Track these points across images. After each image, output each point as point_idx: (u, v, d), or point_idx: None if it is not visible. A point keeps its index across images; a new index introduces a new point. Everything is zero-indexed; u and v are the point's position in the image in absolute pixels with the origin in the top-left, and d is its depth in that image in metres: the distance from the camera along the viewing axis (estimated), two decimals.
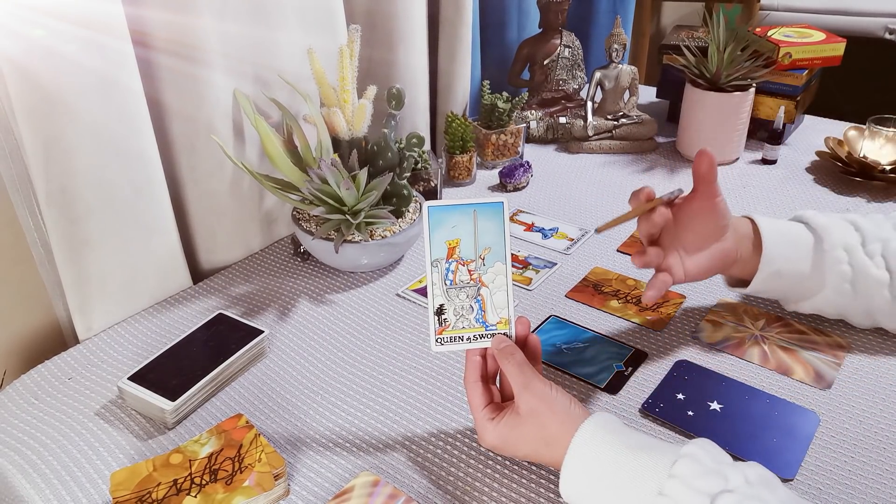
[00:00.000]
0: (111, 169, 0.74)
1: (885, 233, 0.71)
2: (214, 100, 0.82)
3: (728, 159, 1.17)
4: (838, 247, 0.70)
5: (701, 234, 0.68)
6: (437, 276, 0.59)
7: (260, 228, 0.95)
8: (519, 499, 0.59)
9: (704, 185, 0.66)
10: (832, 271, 0.70)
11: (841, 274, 0.70)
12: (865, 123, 1.09)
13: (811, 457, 0.62)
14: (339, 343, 0.78)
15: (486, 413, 0.58)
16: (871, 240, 0.70)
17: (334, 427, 0.67)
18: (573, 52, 1.26)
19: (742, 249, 0.71)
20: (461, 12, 1.11)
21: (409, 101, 1.03)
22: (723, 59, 1.08)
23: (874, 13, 1.90)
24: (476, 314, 0.59)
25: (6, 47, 0.63)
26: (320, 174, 0.79)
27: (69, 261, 0.74)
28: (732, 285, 0.76)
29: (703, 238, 0.68)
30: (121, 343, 0.78)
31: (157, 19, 0.75)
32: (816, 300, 0.73)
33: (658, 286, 0.67)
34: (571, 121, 1.24)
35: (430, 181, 1.03)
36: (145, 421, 0.68)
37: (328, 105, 0.86)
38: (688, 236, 0.68)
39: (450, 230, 0.59)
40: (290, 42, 0.88)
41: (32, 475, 0.62)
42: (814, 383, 0.70)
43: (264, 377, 0.73)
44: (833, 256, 0.70)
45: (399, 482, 0.61)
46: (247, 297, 0.86)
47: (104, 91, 0.71)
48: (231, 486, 0.57)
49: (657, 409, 0.67)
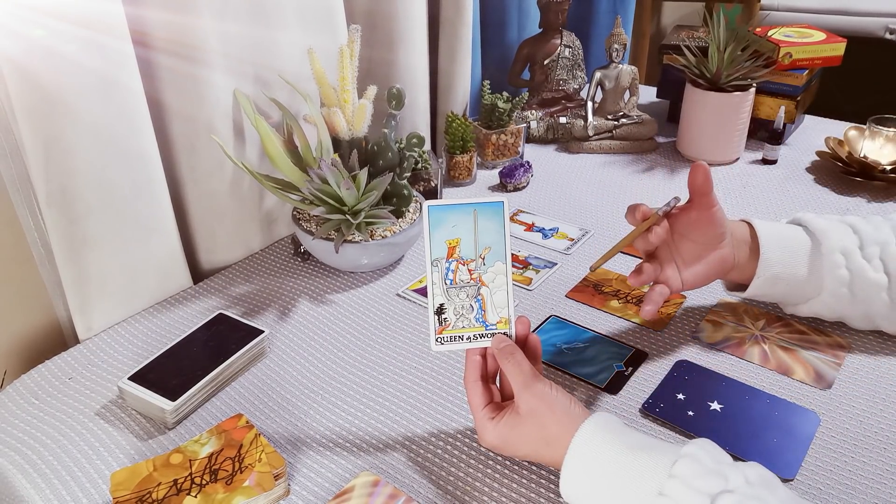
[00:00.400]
0: (111, 169, 0.74)
1: (884, 236, 0.70)
2: (214, 100, 0.82)
3: (728, 159, 1.17)
4: (836, 251, 0.70)
5: (698, 243, 0.68)
6: (438, 275, 0.59)
7: (260, 228, 0.95)
8: (519, 499, 0.59)
9: (701, 197, 0.67)
10: (830, 275, 0.70)
11: (839, 278, 0.70)
12: (866, 123, 1.09)
13: (811, 457, 0.62)
14: (339, 343, 0.78)
15: (486, 413, 0.58)
16: (869, 243, 0.70)
17: (334, 427, 0.67)
18: (573, 52, 1.26)
19: (739, 255, 0.71)
20: (461, 12, 1.10)
21: (409, 101, 1.03)
22: (723, 59, 1.08)
23: (874, 13, 1.90)
24: (476, 314, 0.59)
25: (6, 47, 0.63)
26: (320, 174, 0.79)
27: (69, 261, 0.74)
28: (731, 289, 0.76)
29: (700, 248, 0.69)
30: (121, 343, 0.78)
31: (157, 19, 0.75)
32: (814, 304, 0.73)
33: (655, 299, 0.67)
34: (572, 121, 1.24)
35: (431, 181, 1.03)
36: (145, 421, 0.68)
37: (328, 105, 0.86)
38: (685, 246, 0.69)
39: (450, 229, 0.59)
40: (290, 42, 0.88)
41: (32, 475, 0.62)
42: (814, 383, 0.70)
43: (264, 377, 0.73)
44: (831, 261, 0.70)
45: (399, 482, 0.61)
46: (247, 297, 0.86)
47: (104, 91, 0.71)
48: (231, 486, 0.57)
49: (657, 409, 0.67)
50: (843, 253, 0.70)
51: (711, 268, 0.69)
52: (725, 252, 0.69)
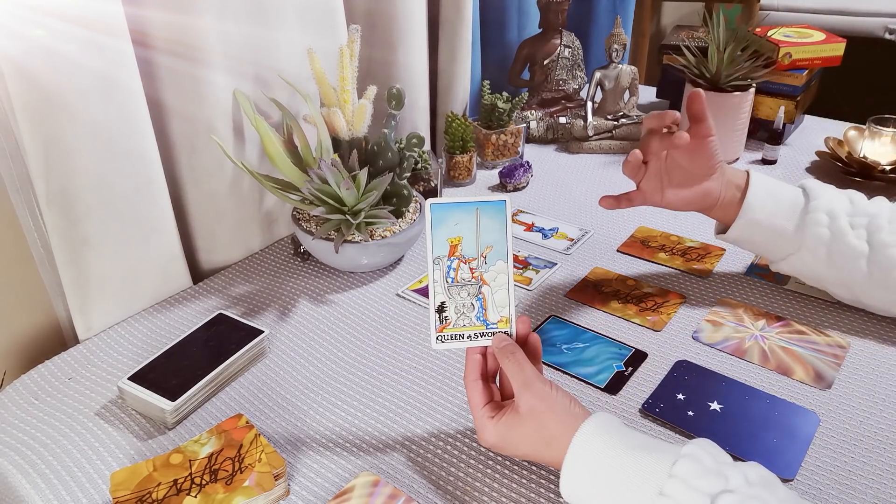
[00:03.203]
0: (111, 169, 0.74)
1: (878, 210, 0.72)
2: (214, 100, 0.82)
3: (728, 159, 1.17)
4: (821, 210, 0.72)
5: (689, 171, 0.72)
6: (439, 273, 0.59)
7: (260, 228, 0.95)
8: (519, 499, 0.59)
9: (697, 123, 0.70)
10: (810, 233, 0.73)
11: (818, 236, 0.72)
12: (865, 123, 1.09)
13: (811, 457, 0.62)
14: (339, 343, 0.78)
15: (485, 412, 0.58)
16: (861, 213, 0.72)
17: (334, 427, 0.67)
18: (573, 52, 1.26)
19: (727, 194, 0.74)
20: (461, 12, 1.11)
21: (409, 101, 1.03)
22: (723, 59, 1.08)
23: (874, 13, 1.90)
24: (477, 312, 0.59)
25: (6, 47, 0.63)
26: (320, 174, 0.79)
27: (69, 261, 0.74)
28: (718, 233, 0.79)
29: (689, 176, 0.72)
30: (121, 343, 0.78)
31: (157, 19, 0.75)
32: (793, 260, 0.76)
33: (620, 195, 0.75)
34: (571, 121, 1.24)
35: (430, 181, 1.03)
36: (145, 421, 0.68)
37: (328, 105, 0.86)
38: (676, 171, 0.73)
39: (452, 228, 0.59)
40: (290, 42, 0.88)
41: (32, 475, 0.62)
42: (814, 383, 0.70)
43: (264, 377, 0.73)
44: (814, 218, 0.72)
45: (399, 482, 0.61)
46: (247, 297, 0.86)
47: (104, 91, 0.71)
48: (231, 486, 0.57)
49: (657, 410, 0.67)
50: (829, 214, 0.72)
51: (695, 196, 0.73)
52: (712, 186, 0.73)
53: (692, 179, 0.73)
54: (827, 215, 0.72)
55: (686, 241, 0.95)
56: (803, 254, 0.74)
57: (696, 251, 0.93)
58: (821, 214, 0.72)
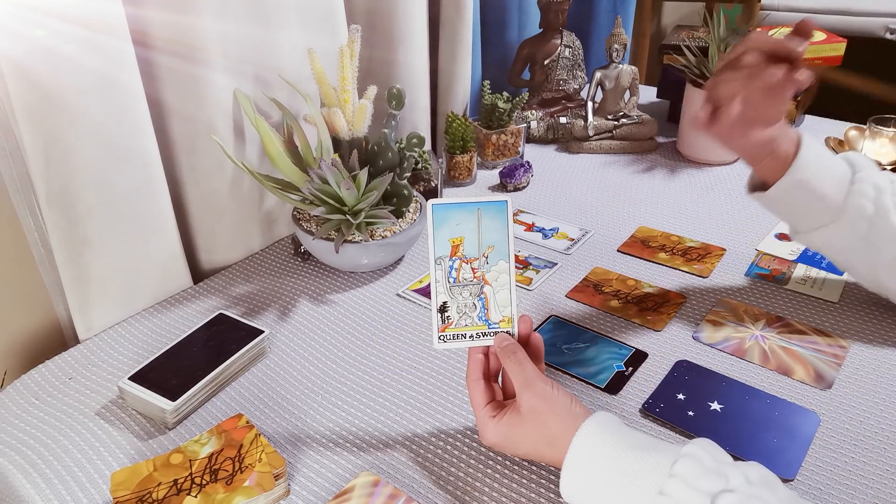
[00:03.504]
0: (111, 169, 0.74)
1: None
2: (214, 100, 0.82)
3: (729, 159, 1.17)
4: (869, 182, 0.69)
5: (760, 113, 0.68)
6: (441, 273, 0.59)
7: (260, 228, 0.95)
8: (519, 499, 0.59)
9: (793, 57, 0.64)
10: (854, 204, 0.69)
11: (861, 208, 0.69)
12: (866, 123, 1.09)
13: (811, 457, 0.62)
14: (339, 343, 0.78)
15: (487, 411, 0.58)
16: None
17: (334, 427, 0.67)
18: (573, 52, 1.26)
19: (782, 147, 0.70)
20: (461, 12, 1.11)
21: (409, 101, 1.03)
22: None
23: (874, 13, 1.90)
24: (479, 312, 0.59)
25: (6, 47, 0.63)
26: (320, 174, 0.79)
27: (69, 261, 0.74)
28: (754, 189, 0.75)
29: (758, 119, 0.68)
30: (121, 343, 0.78)
31: (157, 19, 0.75)
32: (825, 232, 0.72)
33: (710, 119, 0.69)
34: (572, 121, 1.24)
35: (431, 181, 1.03)
36: (145, 421, 0.68)
37: (328, 105, 0.86)
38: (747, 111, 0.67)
39: (454, 228, 0.59)
40: (290, 42, 0.88)
41: (33, 475, 0.62)
42: (814, 383, 0.70)
43: (264, 377, 0.73)
44: (860, 189, 0.69)
45: (399, 482, 0.61)
46: (247, 297, 0.86)
47: (104, 91, 0.71)
48: (231, 486, 0.57)
49: (657, 409, 0.67)
50: (875, 188, 0.69)
51: (755, 139, 0.69)
52: (774, 134, 0.69)
53: (758, 123, 0.68)
54: (874, 189, 0.69)
55: (686, 241, 0.95)
56: (841, 225, 0.71)
57: (697, 251, 0.93)
58: (867, 186, 0.69)
